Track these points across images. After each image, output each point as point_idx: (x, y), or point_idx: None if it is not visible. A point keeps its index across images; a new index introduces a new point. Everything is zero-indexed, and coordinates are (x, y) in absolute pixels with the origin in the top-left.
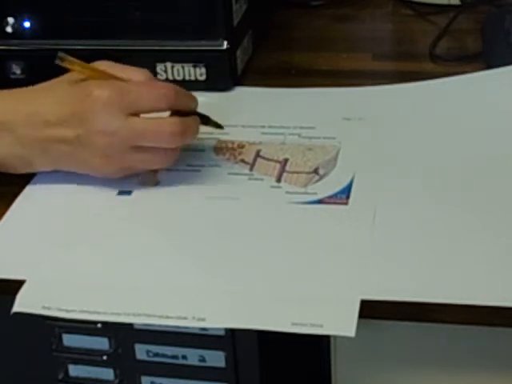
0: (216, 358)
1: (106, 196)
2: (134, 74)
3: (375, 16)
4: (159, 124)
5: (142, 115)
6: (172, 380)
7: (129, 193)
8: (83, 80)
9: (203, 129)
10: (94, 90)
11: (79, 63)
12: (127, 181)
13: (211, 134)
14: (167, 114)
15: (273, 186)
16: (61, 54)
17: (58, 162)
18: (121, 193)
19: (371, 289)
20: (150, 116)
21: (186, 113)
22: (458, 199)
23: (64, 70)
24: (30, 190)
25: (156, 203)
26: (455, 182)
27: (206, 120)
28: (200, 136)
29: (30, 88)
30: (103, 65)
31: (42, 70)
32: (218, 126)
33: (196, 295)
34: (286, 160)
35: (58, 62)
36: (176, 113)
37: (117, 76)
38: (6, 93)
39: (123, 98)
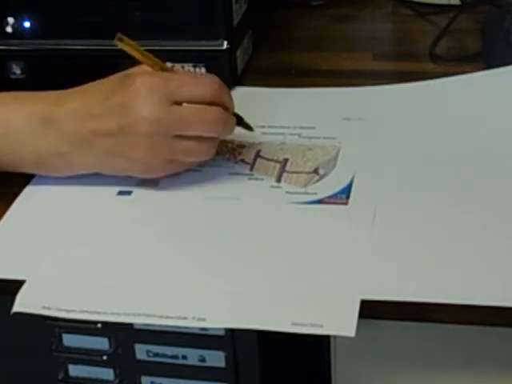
0: (216, 358)
1: (106, 196)
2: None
3: (375, 16)
4: (203, 111)
5: (184, 104)
6: (172, 380)
7: (129, 193)
8: (130, 74)
9: None
10: (136, 79)
11: (136, 47)
12: (127, 181)
13: None
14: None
15: (273, 186)
16: (120, 35)
17: (99, 159)
18: (121, 193)
19: (371, 289)
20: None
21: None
22: (458, 199)
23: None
24: (30, 190)
25: (156, 203)
26: (455, 182)
27: (239, 120)
28: None
29: (77, 88)
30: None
31: (42, 69)
32: (249, 128)
33: (196, 295)
34: (286, 160)
35: (116, 42)
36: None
37: (168, 68)
38: (52, 93)
39: (167, 85)
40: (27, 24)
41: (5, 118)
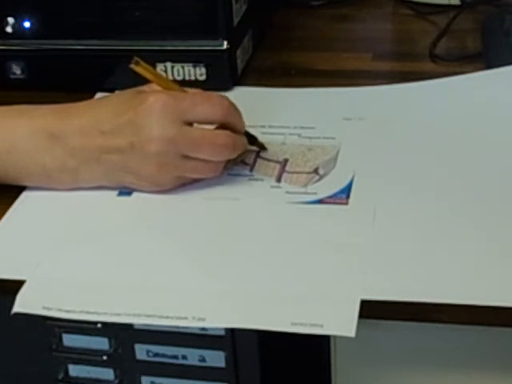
0: (216, 358)
1: (106, 196)
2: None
3: (375, 16)
4: (214, 135)
5: (195, 125)
6: (172, 380)
7: (129, 193)
8: (141, 91)
9: None
10: (149, 98)
11: (152, 70)
12: None
13: None
14: (213, 127)
15: (273, 186)
16: (136, 58)
17: (106, 174)
18: (121, 193)
19: (371, 289)
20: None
21: (233, 129)
22: (458, 199)
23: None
24: (30, 190)
25: (156, 204)
26: (455, 182)
27: (252, 140)
28: None
29: (84, 102)
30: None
31: (42, 70)
32: (263, 148)
33: (196, 295)
34: (286, 160)
35: (132, 66)
36: (224, 128)
37: (181, 89)
38: (58, 106)
39: (178, 105)
40: (27, 24)
41: (10, 134)
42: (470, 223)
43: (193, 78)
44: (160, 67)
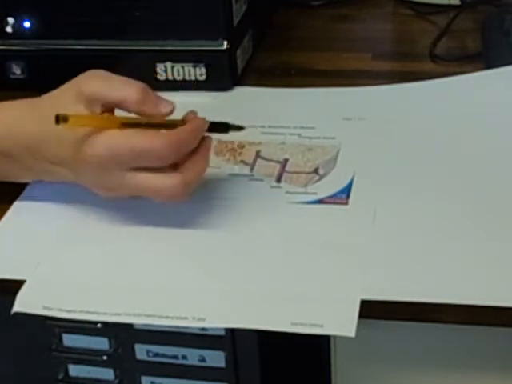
0: (216, 358)
1: None
2: (130, 91)
3: (375, 16)
4: (159, 184)
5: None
6: (172, 380)
7: None
8: (81, 140)
9: None
10: (87, 150)
11: (85, 117)
12: None
13: (211, 134)
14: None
15: (273, 186)
16: (61, 115)
17: (64, 181)
18: None
19: (371, 289)
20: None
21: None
22: (458, 199)
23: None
24: (30, 191)
25: (156, 204)
26: (455, 182)
27: (225, 128)
28: None
29: (33, 115)
30: (97, 79)
31: (42, 70)
32: (240, 128)
33: (196, 295)
34: (286, 160)
35: (59, 124)
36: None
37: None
38: (10, 123)
39: (116, 158)
40: (27, 24)
41: None
42: (470, 223)
43: (193, 77)
44: (160, 67)
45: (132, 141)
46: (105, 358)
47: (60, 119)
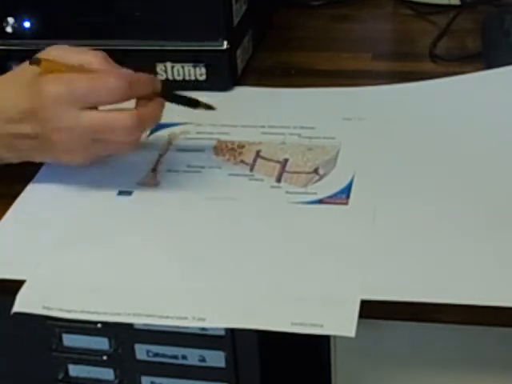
0: (216, 358)
1: (106, 196)
2: (91, 59)
3: (375, 16)
4: (113, 119)
5: (100, 107)
6: (172, 380)
7: (129, 193)
8: (38, 77)
9: (203, 128)
10: (44, 86)
11: (55, 62)
12: (127, 181)
13: (211, 134)
14: (133, 101)
15: (273, 186)
16: (34, 58)
17: (25, 155)
18: (121, 193)
19: (371, 289)
20: (110, 107)
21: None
22: (458, 199)
23: None
24: (30, 190)
25: (156, 204)
26: (455, 182)
27: (195, 103)
28: (200, 136)
29: None
30: (58, 49)
31: None
32: (209, 107)
33: (196, 295)
34: (286, 160)
35: (32, 66)
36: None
37: (78, 67)
38: None
39: (73, 93)
40: (27, 24)
41: None
42: (469, 223)
43: (193, 77)
44: (160, 67)
45: (89, 77)
46: (105, 358)
47: (32, 62)
